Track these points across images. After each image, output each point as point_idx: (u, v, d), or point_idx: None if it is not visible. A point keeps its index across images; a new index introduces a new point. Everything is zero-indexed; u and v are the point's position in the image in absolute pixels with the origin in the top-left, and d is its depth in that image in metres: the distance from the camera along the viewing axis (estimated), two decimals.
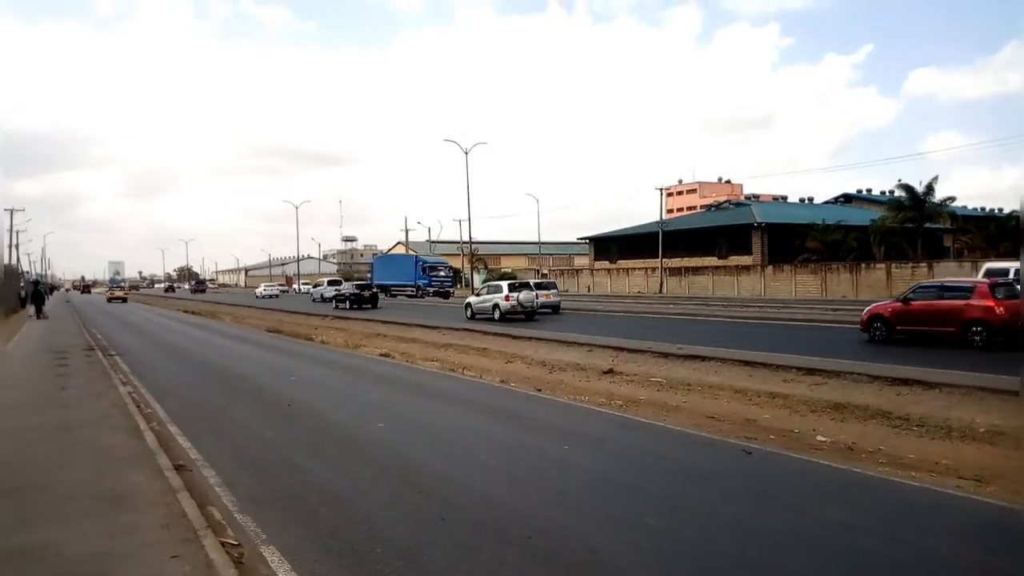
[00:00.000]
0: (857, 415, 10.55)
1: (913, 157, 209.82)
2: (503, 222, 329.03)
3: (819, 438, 9.42)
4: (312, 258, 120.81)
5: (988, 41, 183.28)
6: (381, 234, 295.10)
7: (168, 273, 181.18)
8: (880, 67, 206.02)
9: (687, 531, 5.90)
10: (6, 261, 53.86)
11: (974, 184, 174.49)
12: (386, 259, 74.83)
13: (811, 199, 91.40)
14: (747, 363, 14.84)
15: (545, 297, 32.98)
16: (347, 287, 51.93)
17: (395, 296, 62.54)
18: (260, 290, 77.61)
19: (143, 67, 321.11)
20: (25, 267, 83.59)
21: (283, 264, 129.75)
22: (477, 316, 30.54)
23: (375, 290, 49.87)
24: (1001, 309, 15.70)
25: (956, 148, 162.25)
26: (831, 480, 7.44)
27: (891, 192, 64.25)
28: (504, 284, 31.56)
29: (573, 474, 7.70)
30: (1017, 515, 6.21)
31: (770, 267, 55.94)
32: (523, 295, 30.04)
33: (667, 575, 5.11)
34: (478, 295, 32.88)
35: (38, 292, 43.18)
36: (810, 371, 13.52)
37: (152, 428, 9.84)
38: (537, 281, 39.17)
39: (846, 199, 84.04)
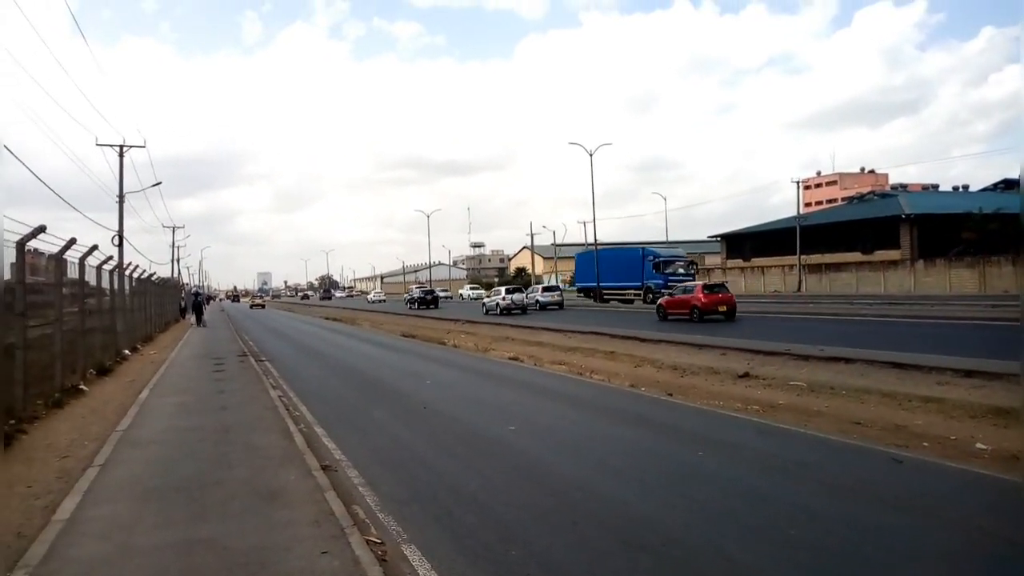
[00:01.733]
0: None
1: None
2: (628, 223, 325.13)
3: (979, 446, 8.72)
4: (443, 264, 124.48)
5: None
6: (508, 238, 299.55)
7: (310, 282, 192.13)
8: None
9: (830, 542, 5.64)
10: (169, 274, 59.06)
11: None
12: (593, 256, 56.91)
13: (966, 187, 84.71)
14: (896, 365, 13.92)
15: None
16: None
17: (607, 300, 51.58)
18: (371, 296, 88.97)
19: (286, 89, 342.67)
20: (185, 279, 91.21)
21: (416, 271, 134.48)
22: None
23: (437, 294, 63.87)
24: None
25: None
26: (991, 490, 6.87)
27: None
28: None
29: (708, 481, 7.52)
30: None
31: (920, 261, 52.20)
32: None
33: None
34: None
35: (198, 302, 47.02)
36: (968, 373, 12.51)
37: (300, 430, 10.49)
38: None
39: (1007, 185, 76.93)
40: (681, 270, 47.60)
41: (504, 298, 44.45)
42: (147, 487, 7.40)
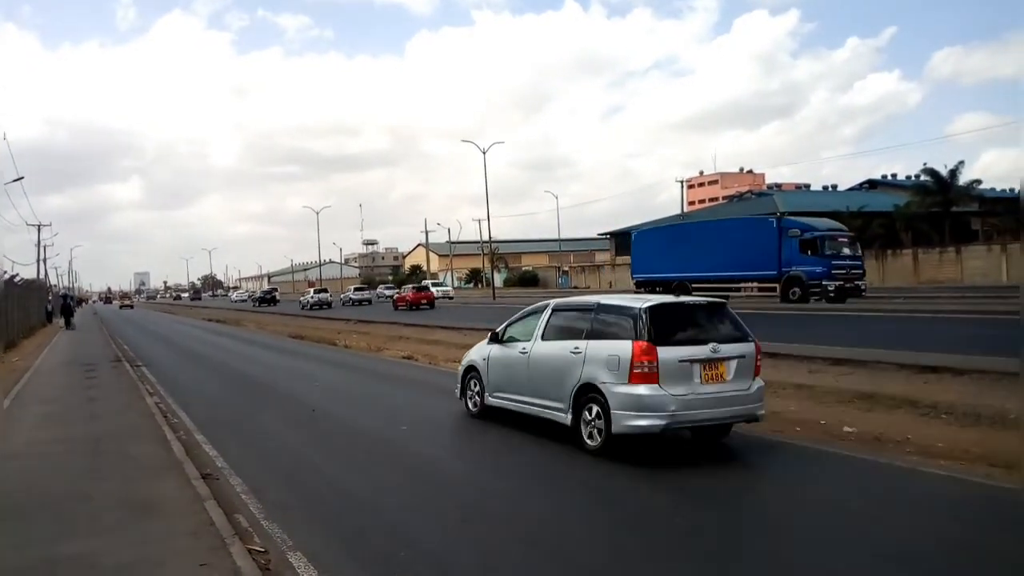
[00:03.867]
0: (886, 404, 10.41)
1: (939, 140, 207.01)
2: (521, 220, 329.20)
3: (846, 429, 9.31)
4: (334, 262, 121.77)
5: (1014, 16, 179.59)
6: (402, 236, 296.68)
7: (192, 282, 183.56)
8: (903, 49, 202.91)
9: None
10: (34, 276, 54.96)
11: (1002, 165, 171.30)
12: (665, 233, 39.05)
13: (835, 186, 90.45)
14: (771, 355, 14.67)
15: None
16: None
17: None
18: (233, 296, 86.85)
19: (163, 80, 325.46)
20: (53, 280, 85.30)
21: (305, 269, 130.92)
22: None
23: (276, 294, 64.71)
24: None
25: (983, 129, 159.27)
26: (853, 469, 7.39)
27: (916, 177, 63.35)
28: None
29: (579, 484, 7.69)
30: None
31: None
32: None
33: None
34: None
35: (67, 305, 44.15)
36: (837, 361, 13.38)
37: (179, 437, 9.97)
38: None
39: (871, 185, 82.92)
40: (847, 250, 31.45)
41: (313, 296, 57.97)
42: (2, 506, 6.83)
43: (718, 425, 8.19)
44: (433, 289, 52.76)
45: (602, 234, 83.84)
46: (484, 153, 61.19)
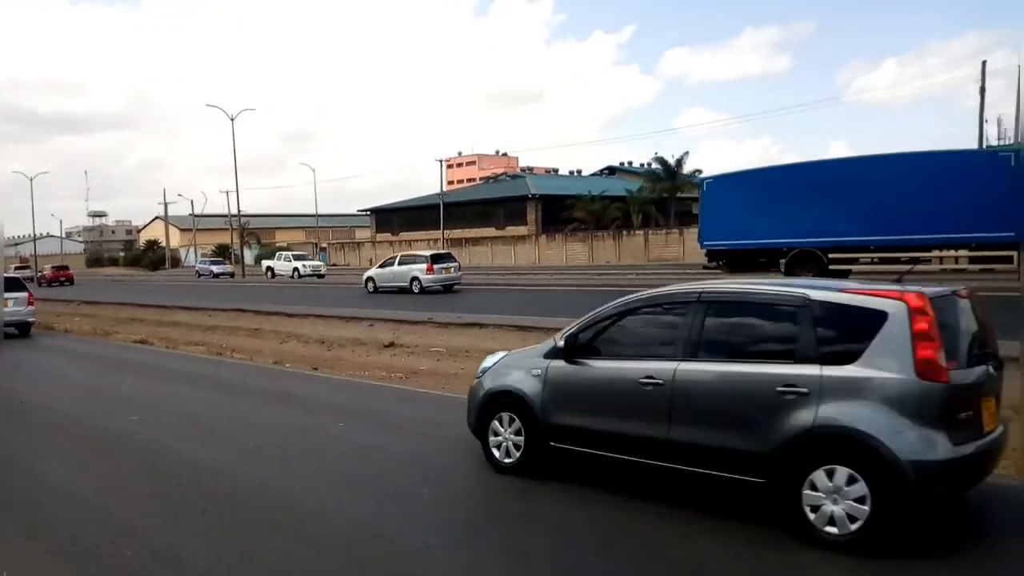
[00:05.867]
0: None
1: (670, 132, 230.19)
2: (276, 193, 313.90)
3: None
4: (53, 236, 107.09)
5: (732, 25, 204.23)
6: (137, 208, 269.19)
7: None
8: (641, 46, 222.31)
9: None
10: None
11: (721, 157, 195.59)
12: (804, 172, 24.78)
13: (580, 171, 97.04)
14: (521, 328, 15.47)
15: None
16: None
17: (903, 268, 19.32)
18: None
19: None
20: None
21: (16, 244, 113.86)
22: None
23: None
24: None
25: (705, 124, 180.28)
26: None
27: (649, 165, 69.99)
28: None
29: (347, 451, 7.55)
30: None
31: (543, 236, 58.79)
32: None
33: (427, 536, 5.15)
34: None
35: None
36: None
37: None
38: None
39: (610, 171, 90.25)
40: None
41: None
42: None
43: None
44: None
45: (362, 210, 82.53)
46: (232, 120, 57.28)
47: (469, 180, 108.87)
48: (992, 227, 20.20)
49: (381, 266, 31.29)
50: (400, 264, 29.82)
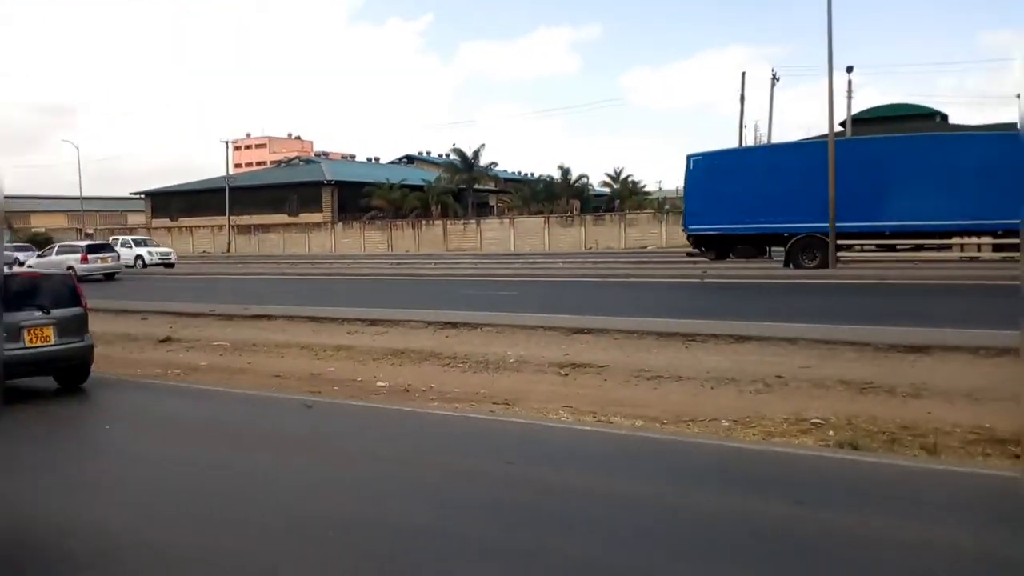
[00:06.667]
0: (414, 359, 11.37)
1: (468, 123, 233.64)
2: (33, 172, 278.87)
3: (379, 383, 9.93)
4: None
5: (527, 22, 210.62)
6: None
7: None
8: (440, 36, 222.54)
9: (243, 490, 5.68)
10: None
11: (515, 150, 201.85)
12: (807, 152, 24.78)
13: (378, 159, 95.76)
14: (313, 319, 14.97)
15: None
16: None
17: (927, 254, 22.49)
18: None
19: None
20: None
21: None
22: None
23: None
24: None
25: (502, 117, 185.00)
26: (387, 419, 7.92)
27: (447, 155, 70.60)
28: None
29: (109, 454, 6.87)
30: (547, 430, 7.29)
31: (340, 224, 57.37)
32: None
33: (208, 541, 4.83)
34: None
35: None
36: (373, 322, 14.20)
37: None
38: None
39: (409, 160, 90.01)
40: None
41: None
42: None
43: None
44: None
45: (136, 194, 75.54)
46: None
47: (259, 164, 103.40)
48: (1020, 212, 18.10)
49: (40, 255, 32.83)
50: (58, 254, 31.52)
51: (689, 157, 25.60)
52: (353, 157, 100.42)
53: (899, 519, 4.60)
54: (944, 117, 55.00)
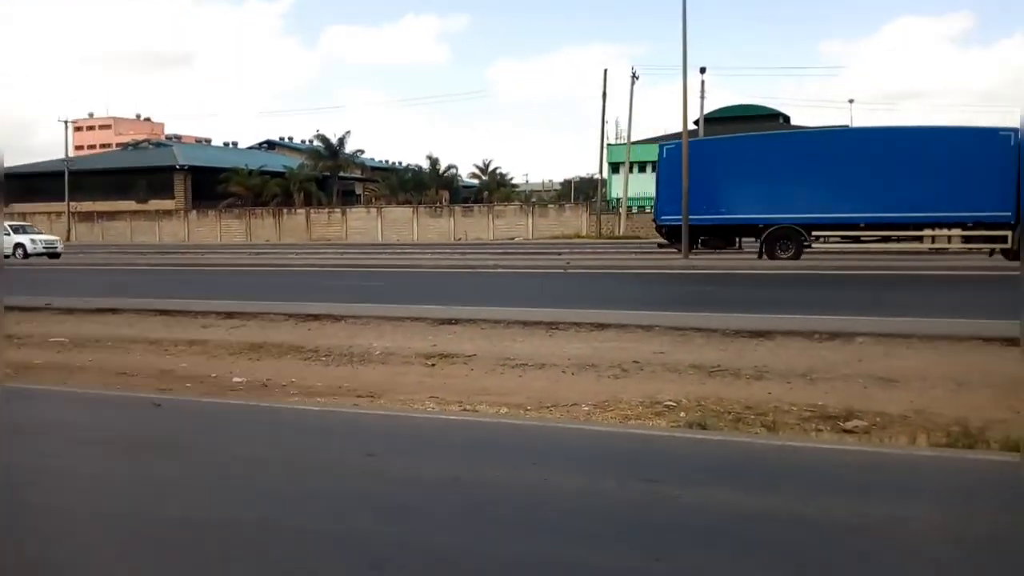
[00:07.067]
0: (273, 352, 10.96)
1: (332, 109, 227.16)
2: None
3: (236, 379, 9.50)
4: None
5: (393, 9, 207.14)
6: None
7: None
8: (302, 19, 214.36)
9: (84, 496, 5.28)
10: None
11: (381, 138, 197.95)
12: (786, 142, 26.15)
13: (236, 144, 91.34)
14: (164, 312, 14.13)
15: None
16: None
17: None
18: None
19: None
20: None
21: None
22: None
23: None
24: None
25: (368, 105, 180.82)
26: (243, 416, 7.60)
27: (310, 142, 68.44)
28: None
29: None
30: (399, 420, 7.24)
31: (194, 212, 54.45)
32: None
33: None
34: None
35: None
36: (229, 315, 13.57)
37: None
38: None
39: (270, 145, 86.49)
40: None
41: None
42: None
43: None
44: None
45: None
46: None
47: (103, 146, 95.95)
48: (990, 206, 20.17)
49: None
50: None
51: (662, 146, 25.71)
52: (209, 141, 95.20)
53: (741, 492, 4.94)
54: (787, 118, 59.43)
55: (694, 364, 9.06)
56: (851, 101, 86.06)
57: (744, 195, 22.74)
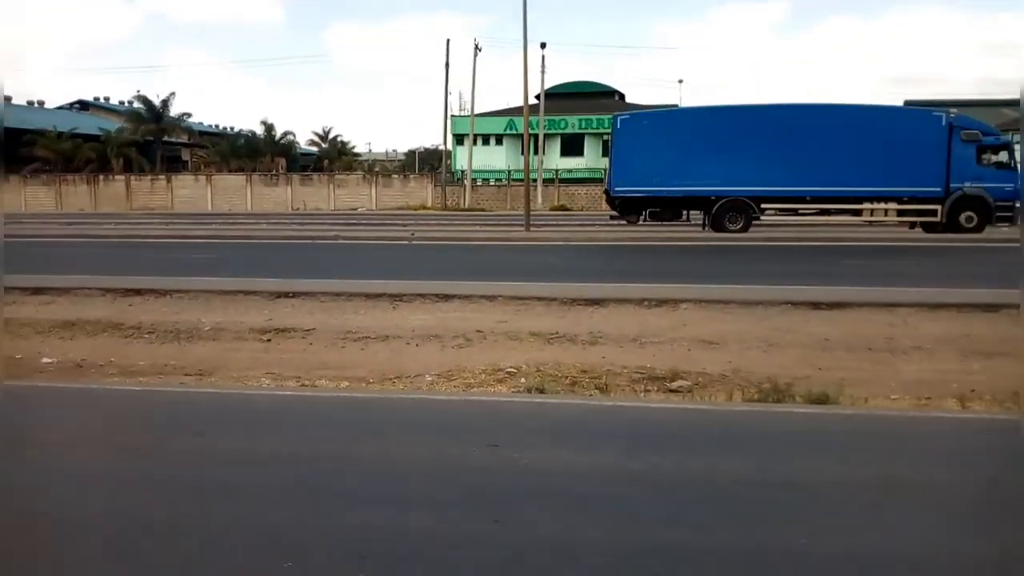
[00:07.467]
0: (88, 330, 10.09)
1: (156, 69, 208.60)
2: None
3: (45, 360, 8.67)
4: None
5: None
6: None
7: None
8: None
9: None
10: None
11: (213, 103, 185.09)
12: (738, 115, 24.34)
13: (43, 103, 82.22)
14: None
15: None
16: None
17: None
18: None
19: None
20: None
21: None
22: None
23: None
24: None
25: (196, 66, 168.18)
26: (53, 399, 6.96)
27: (131, 103, 62.89)
28: None
29: None
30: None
31: None
32: None
33: None
34: None
35: None
36: (36, 290, 12.32)
37: None
38: None
39: (83, 106, 78.59)
40: (1004, 157, 23.24)
41: None
42: None
43: None
44: None
45: None
46: None
47: None
48: (922, 182, 21.99)
49: None
50: None
51: (616, 117, 25.63)
52: (9, 99, 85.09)
53: (575, 452, 5.16)
54: (622, 96, 61.82)
55: (534, 332, 9.31)
56: (680, 81, 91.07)
57: (695, 167, 23.10)
